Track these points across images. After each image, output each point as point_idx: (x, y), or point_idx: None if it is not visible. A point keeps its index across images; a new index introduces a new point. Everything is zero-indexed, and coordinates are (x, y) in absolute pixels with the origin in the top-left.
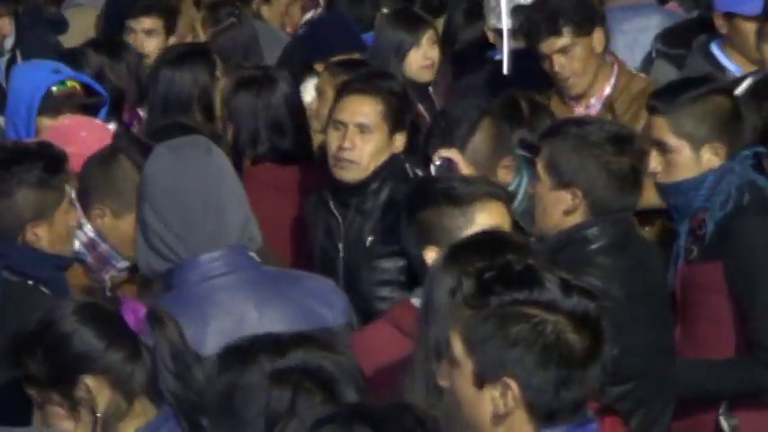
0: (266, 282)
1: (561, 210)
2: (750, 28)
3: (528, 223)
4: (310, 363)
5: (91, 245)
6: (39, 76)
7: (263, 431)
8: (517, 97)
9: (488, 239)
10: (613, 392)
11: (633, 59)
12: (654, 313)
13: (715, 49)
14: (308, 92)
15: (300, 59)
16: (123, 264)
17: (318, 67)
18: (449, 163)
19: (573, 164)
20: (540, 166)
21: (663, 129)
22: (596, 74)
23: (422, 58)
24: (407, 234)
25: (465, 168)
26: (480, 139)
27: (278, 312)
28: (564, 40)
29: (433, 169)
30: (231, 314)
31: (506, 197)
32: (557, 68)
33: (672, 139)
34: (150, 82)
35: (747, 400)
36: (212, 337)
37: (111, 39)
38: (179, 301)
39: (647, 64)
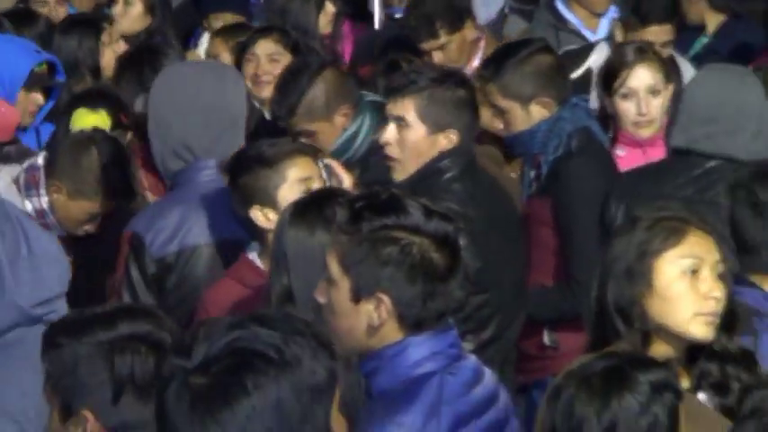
0: None
1: (437, 151)
2: None
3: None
4: (139, 330)
5: (41, 213)
6: (25, 53)
7: (111, 394)
8: (398, 59)
9: (319, 195)
10: (475, 301)
11: (488, 14)
12: (507, 231)
13: (559, 3)
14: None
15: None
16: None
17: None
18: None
19: (449, 111)
20: (411, 116)
21: (494, 94)
22: (468, 54)
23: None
24: (234, 199)
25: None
26: (318, 89)
27: None
28: (441, 40)
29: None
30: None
31: (312, 151)
32: (436, 61)
33: (502, 102)
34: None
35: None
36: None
37: (22, 8)
38: (179, 195)
39: (501, 19)
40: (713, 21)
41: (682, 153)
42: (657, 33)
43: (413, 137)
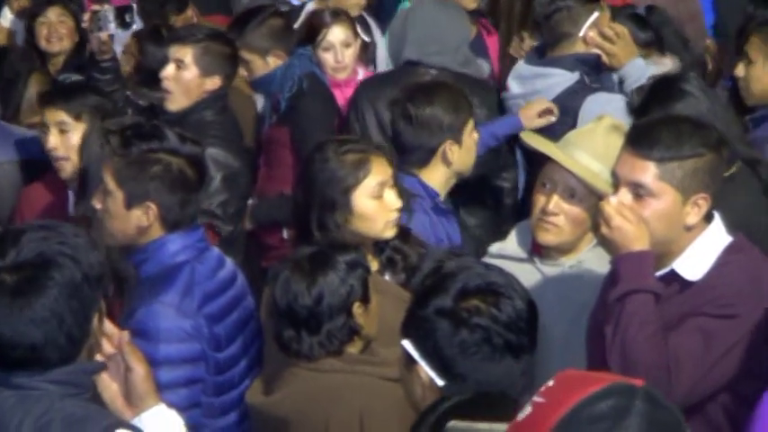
0: None
1: (203, 91)
2: None
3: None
4: None
5: None
6: None
7: None
8: None
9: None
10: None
11: None
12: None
13: None
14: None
15: None
16: None
17: None
18: None
19: (217, 61)
20: (188, 59)
21: (244, 54)
22: None
23: None
24: None
25: None
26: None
27: None
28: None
29: None
30: None
31: None
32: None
33: (247, 55)
34: None
35: None
36: None
37: None
38: None
39: None
40: None
41: (413, 64)
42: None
43: (187, 76)
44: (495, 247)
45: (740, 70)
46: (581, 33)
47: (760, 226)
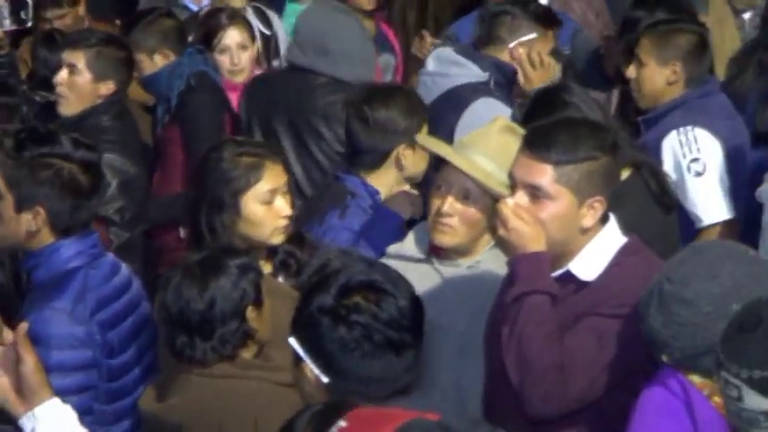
0: None
1: (97, 96)
2: None
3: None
4: None
5: None
6: None
7: None
8: None
9: None
10: None
11: None
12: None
13: None
14: None
15: None
16: None
17: None
18: None
19: (111, 66)
20: (81, 64)
21: (134, 53)
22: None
23: None
24: None
25: None
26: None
27: None
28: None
29: None
30: None
31: None
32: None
33: (136, 54)
34: None
35: None
36: None
37: None
38: None
39: None
40: None
41: (299, 69)
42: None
43: (80, 81)
44: (393, 248)
45: (632, 72)
46: (511, 44)
47: (648, 230)
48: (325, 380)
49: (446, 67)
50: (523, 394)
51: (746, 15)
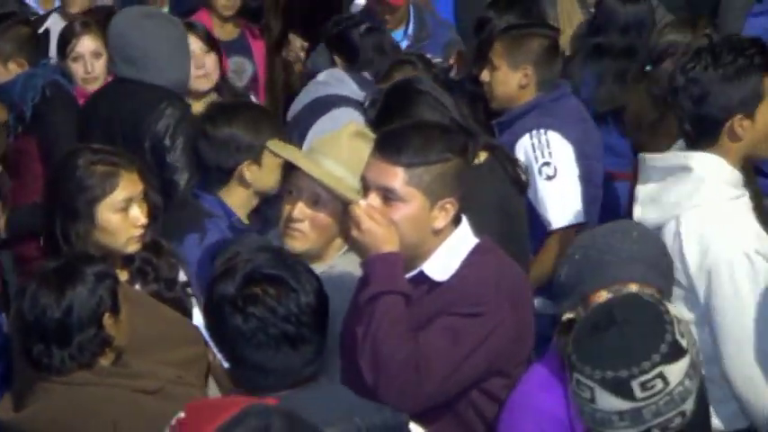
0: None
1: None
2: None
3: None
4: None
5: None
6: None
7: None
8: None
9: None
10: None
11: None
12: None
13: None
14: None
15: None
16: None
17: None
18: None
19: None
20: None
21: None
22: None
23: None
24: None
25: None
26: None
27: None
28: None
29: None
30: None
31: None
32: None
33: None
34: None
35: None
36: None
37: None
38: None
39: None
40: None
41: (126, 81)
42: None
43: None
44: None
45: (485, 76)
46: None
47: (509, 211)
48: (226, 365)
49: (331, 79)
50: (378, 393)
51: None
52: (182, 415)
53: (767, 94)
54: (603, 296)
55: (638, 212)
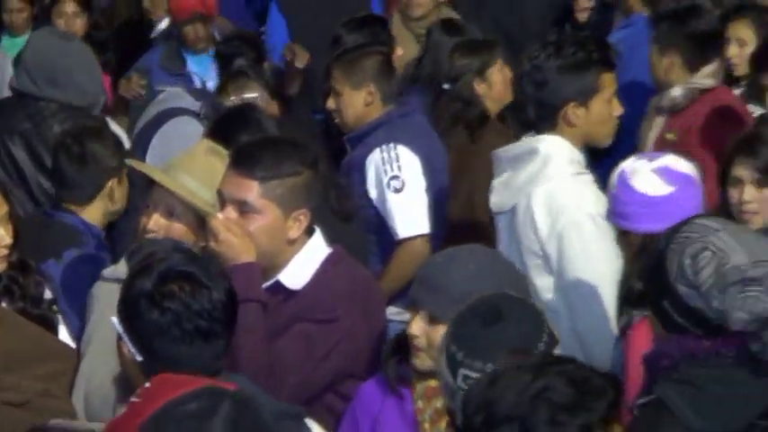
0: None
1: None
2: None
3: None
4: None
5: None
6: None
7: None
8: None
9: None
10: None
11: None
12: None
13: None
14: None
15: None
16: None
17: None
18: None
19: None
20: None
21: None
22: None
23: None
24: None
25: None
26: None
27: None
28: None
29: None
30: None
31: None
32: None
33: None
34: None
35: None
36: None
37: None
38: None
39: None
40: None
41: (29, 97)
42: None
43: None
44: (107, 272)
45: (331, 104)
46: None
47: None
48: (139, 358)
49: (169, 96)
50: None
51: None
52: (147, 385)
53: (603, 89)
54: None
55: (493, 200)
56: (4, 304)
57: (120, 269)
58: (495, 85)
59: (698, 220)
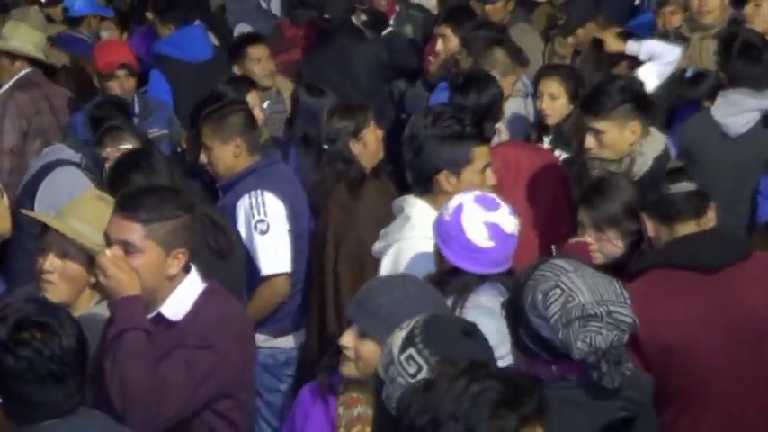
0: None
1: None
2: None
3: None
4: None
5: None
6: None
7: None
8: None
9: None
10: None
11: None
12: None
13: None
14: None
15: None
16: None
17: None
18: None
19: None
20: None
21: None
22: None
23: None
24: None
25: None
26: None
27: None
28: None
29: None
30: None
31: None
32: None
33: None
34: None
35: None
36: None
37: None
38: None
39: None
40: None
41: None
42: None
43: None
44: None
45: (203, 158)
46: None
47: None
48: None
49: (51, 151)
50: (126, 417)
51: None
52: None
53: (475, 161)
54: (352, 329)
55: (374, 247)
56: None
57: None
58: (369, 145)
59: (555, 261)
